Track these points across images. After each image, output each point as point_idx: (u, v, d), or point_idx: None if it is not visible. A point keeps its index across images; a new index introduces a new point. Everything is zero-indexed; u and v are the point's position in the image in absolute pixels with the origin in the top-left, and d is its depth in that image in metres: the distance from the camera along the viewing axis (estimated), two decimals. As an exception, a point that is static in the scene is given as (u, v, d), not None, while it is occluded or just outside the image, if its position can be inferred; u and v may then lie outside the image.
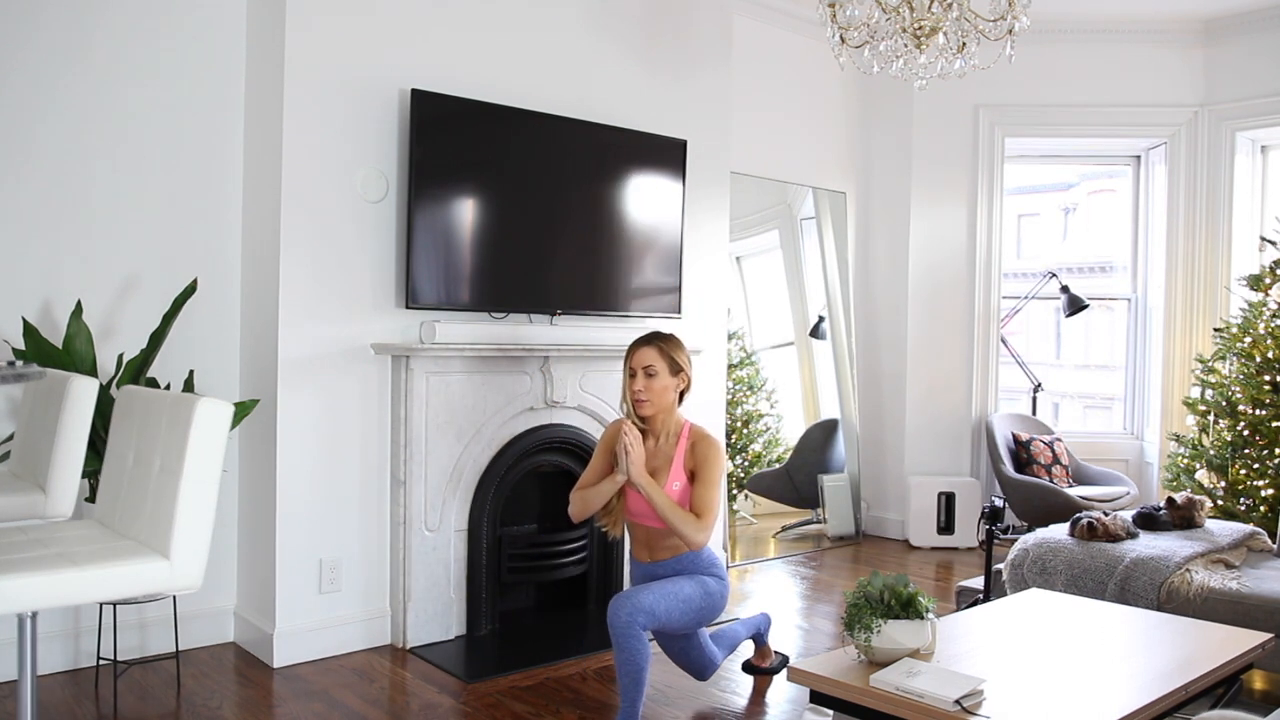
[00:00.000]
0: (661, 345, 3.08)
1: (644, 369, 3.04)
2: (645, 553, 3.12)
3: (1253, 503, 4.76)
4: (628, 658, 2.78)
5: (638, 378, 3.04)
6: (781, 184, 5.71)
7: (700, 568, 3.05)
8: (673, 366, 3.06)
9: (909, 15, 3.38)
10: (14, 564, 1.90)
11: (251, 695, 3.30)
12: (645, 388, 3.03)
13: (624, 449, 2.93)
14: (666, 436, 3.10)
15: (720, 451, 3.05)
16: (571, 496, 3.13)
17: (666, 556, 3.06)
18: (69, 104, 3.43)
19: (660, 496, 2.93)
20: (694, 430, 3.10)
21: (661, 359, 3.05)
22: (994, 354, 5.99)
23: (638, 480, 2.93)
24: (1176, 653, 2.54)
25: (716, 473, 3.02)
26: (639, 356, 3.06)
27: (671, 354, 3.07)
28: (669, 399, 3.08)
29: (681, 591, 2.93)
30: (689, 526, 2.92)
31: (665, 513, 2.92)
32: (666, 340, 3.10)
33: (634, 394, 3.05)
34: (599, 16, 4.39)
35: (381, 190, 3.78)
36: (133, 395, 2.38)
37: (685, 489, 3.02)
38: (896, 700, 2.14)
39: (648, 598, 2.85)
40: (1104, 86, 5.80)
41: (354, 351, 3.72)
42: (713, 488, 3.00)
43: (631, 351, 3.09)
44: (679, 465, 3.03)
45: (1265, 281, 5.03)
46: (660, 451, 3.08)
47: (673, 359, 3.07)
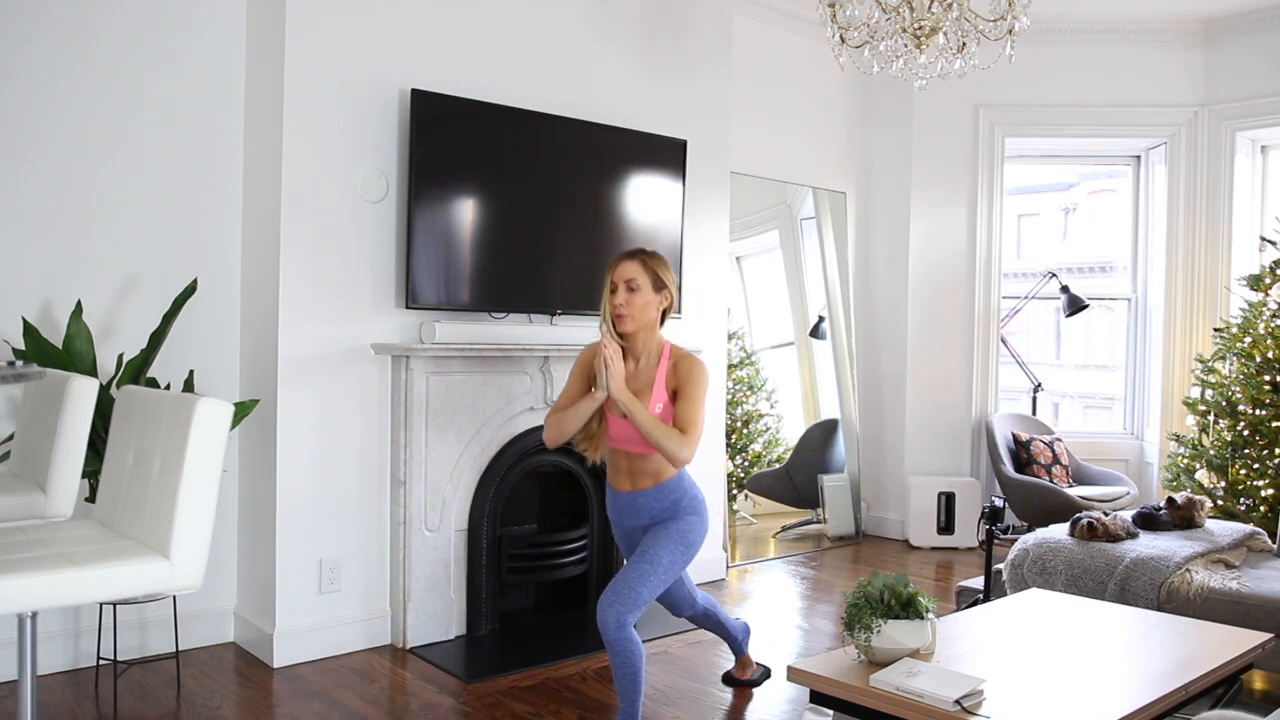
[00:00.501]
0: (645, 259, 2.90)
1: (625, 282, 2.86)
2: (625, 481, 2.96)
3: (1253, 503, 4.76)
4: (623, 660, 2.75)
5: (619, 291, 2.86)
6: (781, 184, 5.71)
7: (680, 497, 2.92)
8: (656, 282, 2.88)
9: (909, 15, 3.38)
10: (14, 564, 1.90)
11: (251, 695, 3.30)
12: (626, 301, 2.85)
13: (604, 363, 2.76)
14: (648, 358, 2.93)
15: (704, 370, 2.89)
16: (546, 420, 2.96)
17: (648, 485, 2.92)
18: (69, 104, 3.43)
19: (642, 413, 2.76)
20: (675, 350, 2.93)
21: (644, 273, 2.87)
22: (994, 354, 5.99)
23: (618, 397, 2.76)
24: (1176, 653, 2.54)
25: (700, 390, 2.85)
26: (621, 270, 2.88)
27: (655, 269, 2.89)
28: (650, 316, 2.90)
29: (661, 560, 2.82)
30: (673, 441, 2.76)
31: (648, 429, 2.75)
32: (650, 255, 2.93)
33: (614, 308, 2.86)
34: (599, 17, 4.39)
35: (381, 190, 3.78)
36: (133, 395, 2.38)
37: (668, 408, 2.86)
38: (896, 700, 2.14)
39: (631, 592, 2.75)
40: (1104, 86, 5.80)
41: (354, 351, 3.72)
42: (696, 404, 2.83)
43: (613, 265, 2.91)
44: (661, 385, 2.87)
45: (1265, 281, 5.03)
46: (641, 373, 2.91)
47: (656, 274, 2.89)
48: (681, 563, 2.90)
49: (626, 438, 2.89)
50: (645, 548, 2.88)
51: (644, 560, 2.84)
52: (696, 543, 2.94)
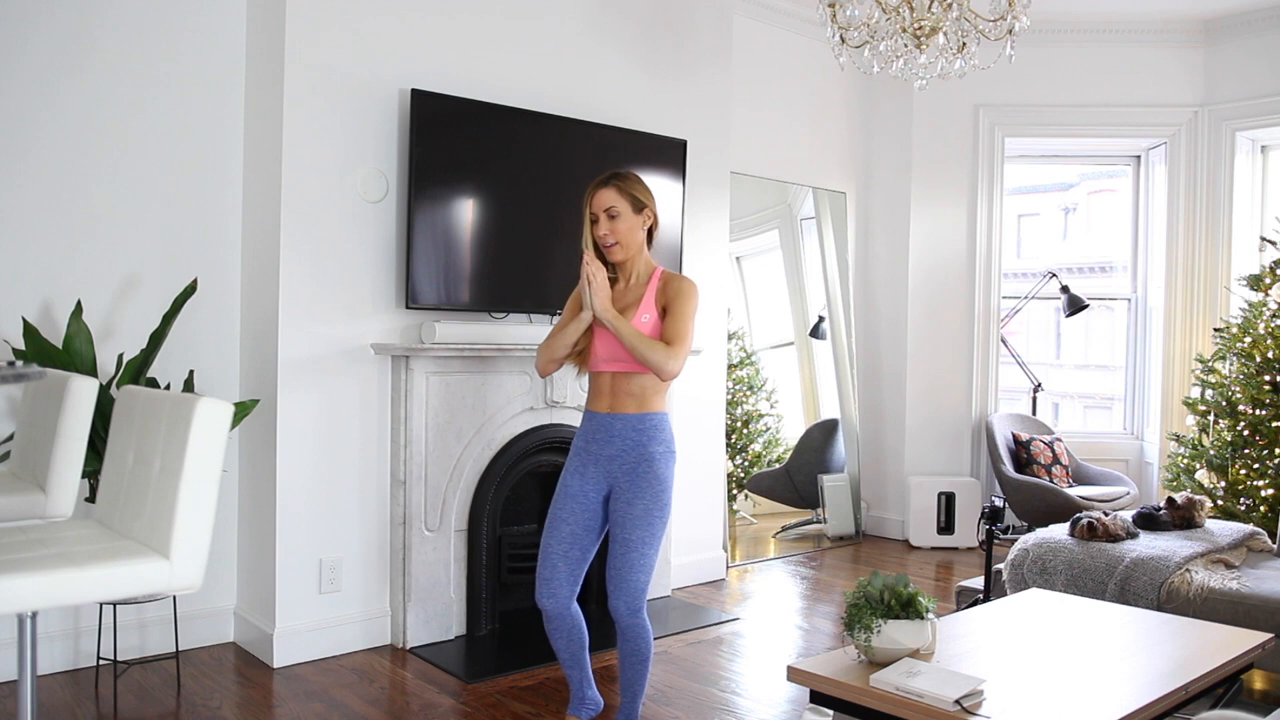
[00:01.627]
0: (619, 184, 2.81)
1: (605, 211, 2.79)
2: (605, 402, 2.81)
3: (1253, 503, 4.76)
4: (633, 648, 2.73)
5: (600, 222, 2.80)
6: (781, 184, 5.71)
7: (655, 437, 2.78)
8: (635, 204, 2.81)
9: (909, 15, 3.38)
10: (14, 564, 1.90)
11: (251, 695, 3.30)
12: (611, 230, 2.78)
13: (586, 280, 2.71)
14: (638, 278, 2.85)
15: (693, 287, 2.80)
16: (538, 349, 2.91)
17: (630, 409, 2.78)
18: (70, 104, 3.43)
19: (627, 328, 2.69)
20: (666, 272, 2.86)
21: (621, 198, 2.79)
22: (994, 354, 5.99)
23: (603, 314, 2.69)
24: (1176, 653, 2.54)
25: (689, 306, 2.76)
26: (598, 199, 2.80)
27: (631, 190, 2.81)
28: (638, 238, 2.83)
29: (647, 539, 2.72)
30: (658, 353, 2.67)
31: (633, 342, 2.67)
32: (624, 177, 2.84)
33: (600, 239, 2.80)
34: (599, 17, 4.39)
35: (381, 190, 3.78)
36: (133, 395, 2.38)
37: (655, 323, 2.77)
38: (896, 700, 2.14)
39: (634, 578, 2.69)
40: (1104, 86, 5.80)
41: (354, 352, 3.72)
42: (686, 320, 2.75)
43: (589, 196, 2.84)
44: (650, 300, 2.79)
45: (1265, 281, 5.03)
46: (630, 291, 2.84)
47: (633, 196, 2.81)
48: (661, 522, 2.77)
49: (612, 355, 2.79)
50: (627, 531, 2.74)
51: (631, 548, 2.72)
52: (668, 497, 2.80)
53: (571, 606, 2.81)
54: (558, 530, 2.79)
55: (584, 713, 2.89)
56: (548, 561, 2.78)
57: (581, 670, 2.87)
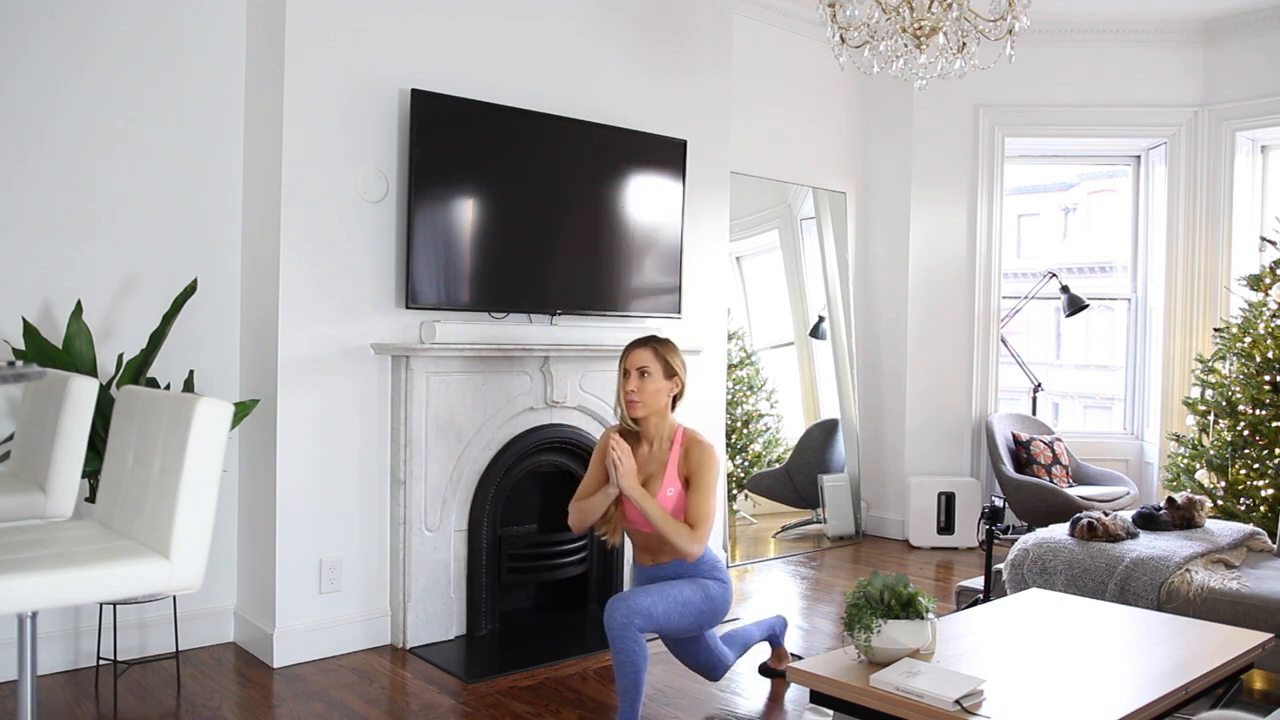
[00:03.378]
0: (656, 348, 3.07)
1: (638, 369, 3.04)
2: (647, 557, 3.10)
3: (1253, 503, 4.76)
4: (625, 659, 2.78)
5: (631, 378, 3.04)
6: (781, 184, 5.71)
7: (701, 571, 3.04)
8: (667, 370, 3.06)
9: (909, 15, 3.38)
10: (14, 564, 1.90)
11: (251, 695, 3.30)
12: (639, 388, 3.03)
13: (613, 464, 2.91)
14: (660, 441, 3.09)
15: (714, 457, 3.04)
16: (570, 508, 3.14)
17: (668, 560, 3.05)
18: (70, 104, 3.43)
19: (654, 509, 2.92)
20: (688, 435, 3.09)
21: (656, 361, 3.05)
22: (994, 354, 5.99)
23: (630, 493, 2.91)
24: (1176, 653, 2.54)
25: (710, 479, 3.00)
26: (633, 357, 3.06)
27: (666, 357, 3.07)
28: (662, 402, 3.07)
29: (680, 594, 2.93)
30: (683, 538, 2.92)
31: (659, 524, 2.91)
32: (662, 344, 3.10)
33: (627, 394, 3.04)
34: (599, 17, 4.39)
35: (381, 190, 3.78)
36: (133, 395, 2.38)
37: (680, 495, 3.01)
38: (896, 700, 2.14)
39: (644, 600, 2.85)
40: (1104, 86, 5.80)
41: (354, 352, 3.72)
42: (707, 496, 2.98)
43: (626, 353, 3.09)
44: (673, 471, 3.02)
45: (1265, 281, 5.03)
46: (654, 457, 3.07)
47: (667, 362, 3.06)
48: (698, 605, 2.96)
49: (642, 521, 3.00)
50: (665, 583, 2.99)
51: (665, 586, 2.95)
52: (716, 598, 3.01)
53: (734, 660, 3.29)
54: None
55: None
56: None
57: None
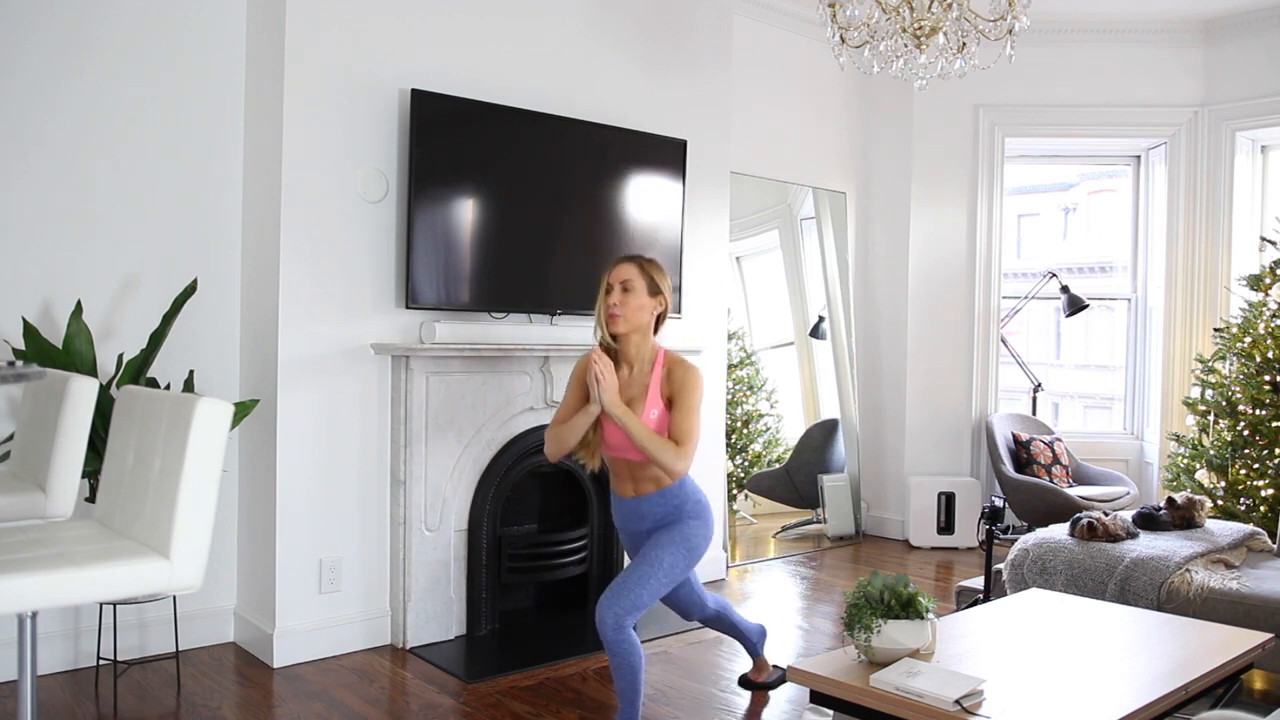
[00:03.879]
0: (642, 263, 2.96)
1: (621, 283, 2.91)
2: (628, 487, 2.98)
3: (1253, 503, 4.76)
4: (621, 662, 2.75)
5: (614, 292, 2.91)
6: (781, 184, 5.71)
7: (683, 502, 2.94)
8: (651, 286, 2.93)
9: (909, 15, 3.38)
10: (14, 564, 1.90)
11: (251, 695, 3.30)
12: (620, 302, 2.90)
13: (595, 378, 2.80)
14: (641, 364, 2.96)
15: (698, 377, 2.91)
16: (546, 435, 3.01)
17: (650, 489, 2.94)
18: (70, 104, 3.43)
19: (637, 426, 2.80)
20: (669, 356, 2.97)
21: (640, 276, 2.92)
22: (994, 354, 5.99)
23: (612, 410, 2.79)
24: (1176, 653, 2.54)
25: (695, 399, 2.88)
26: (617, 271, 2.94)
27: (651, 273, 2.94)
28: (644, 319, 2.93)
29: (663, 564, 2.83)
30: (667, 454, 2.80)
31: (643, 442, 2.79)
32: (648, 260, 2.98)
33: (608, 308, 2.91)
34: (599, 17, 4.39)
35: (381, 190, 3.78)
36: (133, 395, 2.38)
37: (663, 416, 2.89)
38: (896, 700, 2.14)
39: (631, 594, 2.76)
40: (1104, 86, 5.80)
41: (354, 351, 3.72)
42: (691, 414, 2.87)
43: (610, 267, 2.97)
44: (655, 392, 2.90)
45: (1265, 281, 5.03)
46: (635, 380, 2.94)
47: (652, 278, 2.93)
48: (684, 566, 2.90)
49: (623, 445, 2.91)
50: (646, 550, 2.89)
51: (644, 563, 2.85)
52: (700, 546, 2.95)
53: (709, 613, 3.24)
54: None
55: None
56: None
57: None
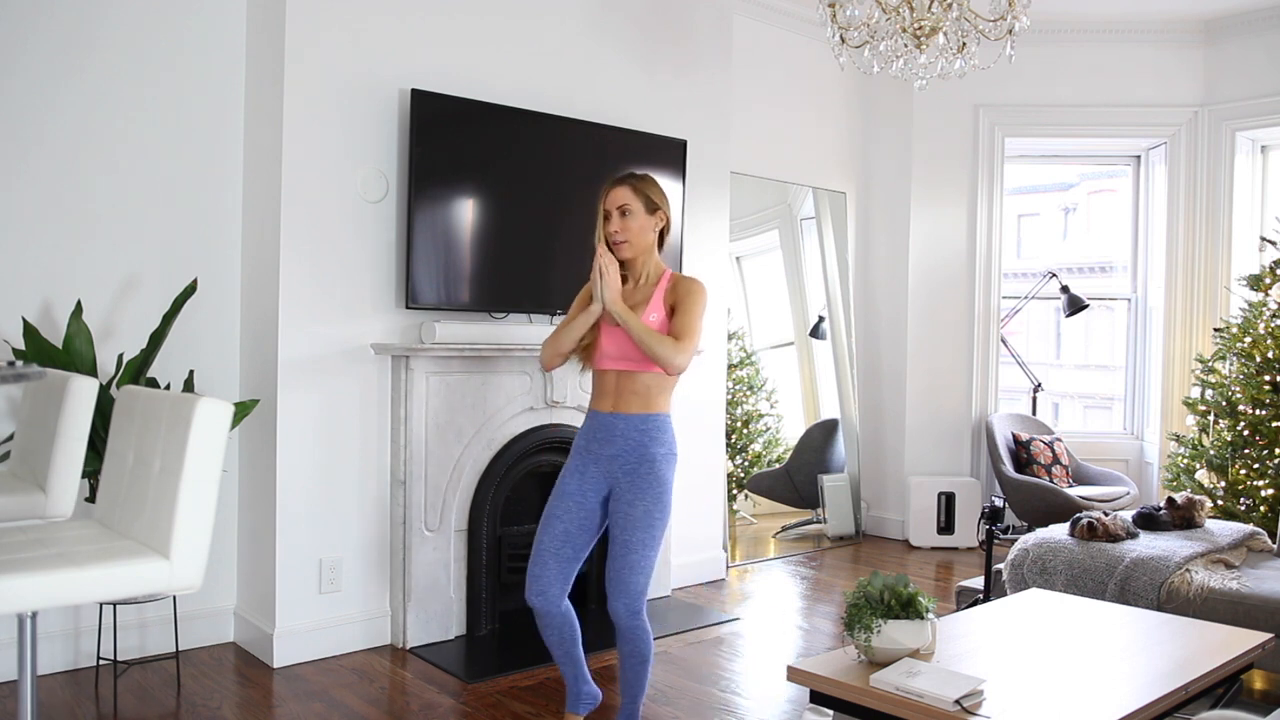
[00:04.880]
0: (635, 183, 2.85)
1: (618, 208, 2.82)
2: (609, 401, 2.83)
3: (1253, 503, 4.76)
4: (633, 650, 2.74)
5: (612, 219, 2.82)
6: (781, 184, 5.71)
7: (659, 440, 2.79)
8: (648, 205, 2.84)
9: (909, 15, 3.38)
10: (14, 564, 1.90)
11: (251, 695, 3.30)
12: (622, 227, 2.81)
13: (599, 272, 2.72)
14: (646, 279, 2.88)
15: (702, 287, 2.83)
16: (543, 343, 2.93)
17: (634, 409, 2.79)
18: (70, 104, 3.43)
19: (637, 322, 2.70)
20: (675, 274, 2.88)
21: (636, 197, 2.83)
22: (994, 354, 5.99)
23: (613, 307, 2.71)
24: (1176, 653, 2.54)
25: (698, 303, 2.79)
26: (612, 196, 2.84)
27: (646, 191, 2.85)
28: (648, 239, 2.86)
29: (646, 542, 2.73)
30: (666, 347, 2.68)
31: (641, 335, 2.69)
32: (640, 178, 2.88)
33: (610, 235, 2.82)
34: (599, 17, 4.39)
35: (381, 190, 3.78)
36: (133, 395, 2.38)
37: (663, 322, 2.79)
38: (896, 700, 2.14)
39: (634, 580, 2.70)
40: (1104, 86, 5.80)
41: (354, 351, 3.72)
42: (694, 316, 2.77)
43: (603, 193, 2.87)
44: (658, 299, 2.82)
45: (1265, 281, 5.03)
46: (639, 290, 2.87)
47: (648, 196, 2.85)
48: (661, 524, 2.78)
49: (619, 353, 2.80)
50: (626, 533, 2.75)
51: (630, 550, 2.73)
52: (669, 499, 2.81)
53: (562, 604, 2.81)
54: (551, 528, 2.80)
55: (581, 708, 2.89)
56: (539, 559, 2.79)
57: (576, 666, 2.86)
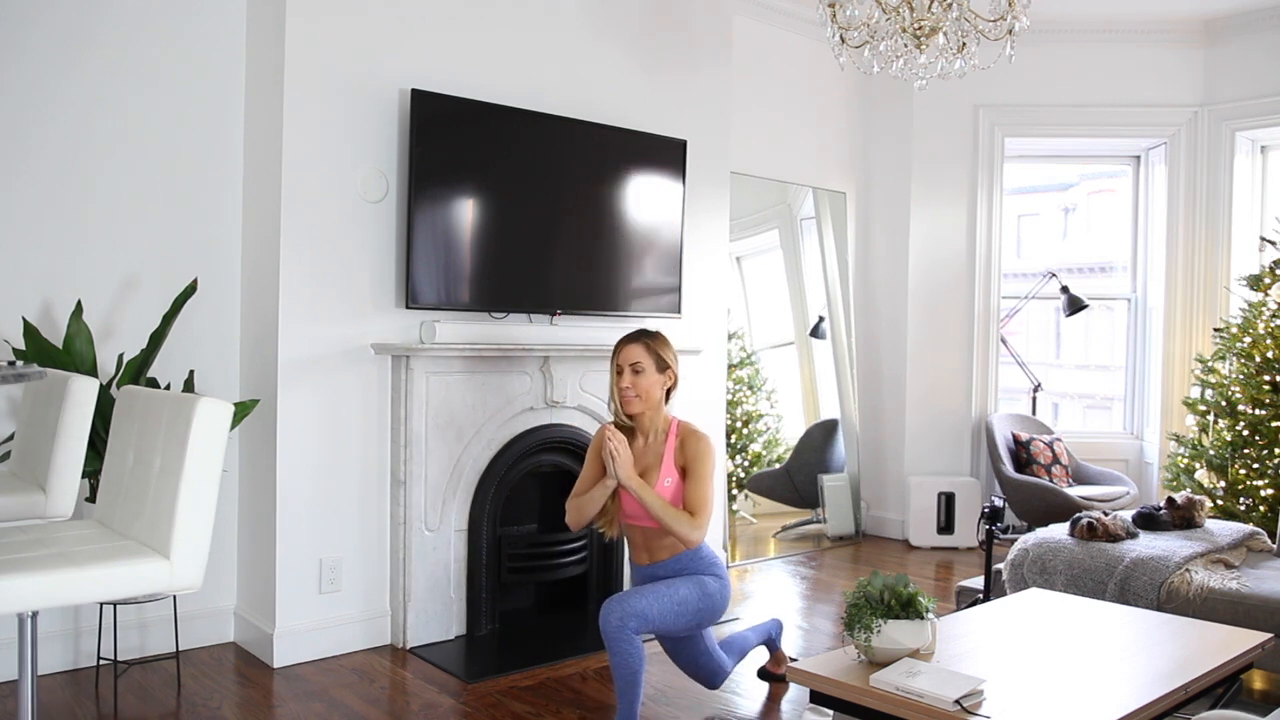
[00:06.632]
0: (648, 342, 3.07)
1: (630, 365, 3.03)
2: (644, 555, 3.09)
3: (1253, 503, 4.76)
4: (621, 661, 2.78)
5: (624, 374, 3.04)
6: (781, 184, 5.71)
7: (700, 567, 3.03)
8: (659, 363, 3.05)
9: (909, 15, 3.38)
10: (14, 564, 1.90)
11: (251, 695, 3.30)
12: (633, 384, 3.02)
13: (610, 455, 2.91)
14: (655, 434, 3.08)
15: (710, 446, 3.03)
16: (567, 506, 3.12)
17: (665, 557, 3.04)
18: (69, 104, 3.43)
19: (652, 497, 2.92)
20: (682, 426, 3.08)
21: (648, 355, 3.04)
22: (994, 354, 5.99)
23: (628, 483, 2.91)
24: (1176, 653, 2.54)
25: (708, 468, 2.99)
26: (625, 353, 3.05)
27: (658, 350, 3.06)
28: (656, 396, 3.06)
29: (677, 594, 2.91)
30: (683, 525, 2.91)
31: (658, 513, 2.91)
32: (653, 337, 3.09)
33: (621, 390, 3.04)
34: (599, 16, 4.39)
35: (381, 190, 3.78)
36: (133, 395, 2.38)
37: (678, 485, 3.00)
38: (896, 700, 2.14)
39: (640, 601, 2.83)
40: (1104, 86, 5.80)
41: (354, 351, 3.72)
42: (705, 483, 2.98)
43: (618, 349, 3.08)
44: (669, 462, 3.01)
45: (1265, 281, 5.03)
46: (650, 449, 3.07)
47: (659, 355, 3.06)
48: (695, 605, 2.94)
49: (640, 514, 3.00)
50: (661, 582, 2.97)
51: (660, 586, 2.94)
52: (716, 600, 3.00)
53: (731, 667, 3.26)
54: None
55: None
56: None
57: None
